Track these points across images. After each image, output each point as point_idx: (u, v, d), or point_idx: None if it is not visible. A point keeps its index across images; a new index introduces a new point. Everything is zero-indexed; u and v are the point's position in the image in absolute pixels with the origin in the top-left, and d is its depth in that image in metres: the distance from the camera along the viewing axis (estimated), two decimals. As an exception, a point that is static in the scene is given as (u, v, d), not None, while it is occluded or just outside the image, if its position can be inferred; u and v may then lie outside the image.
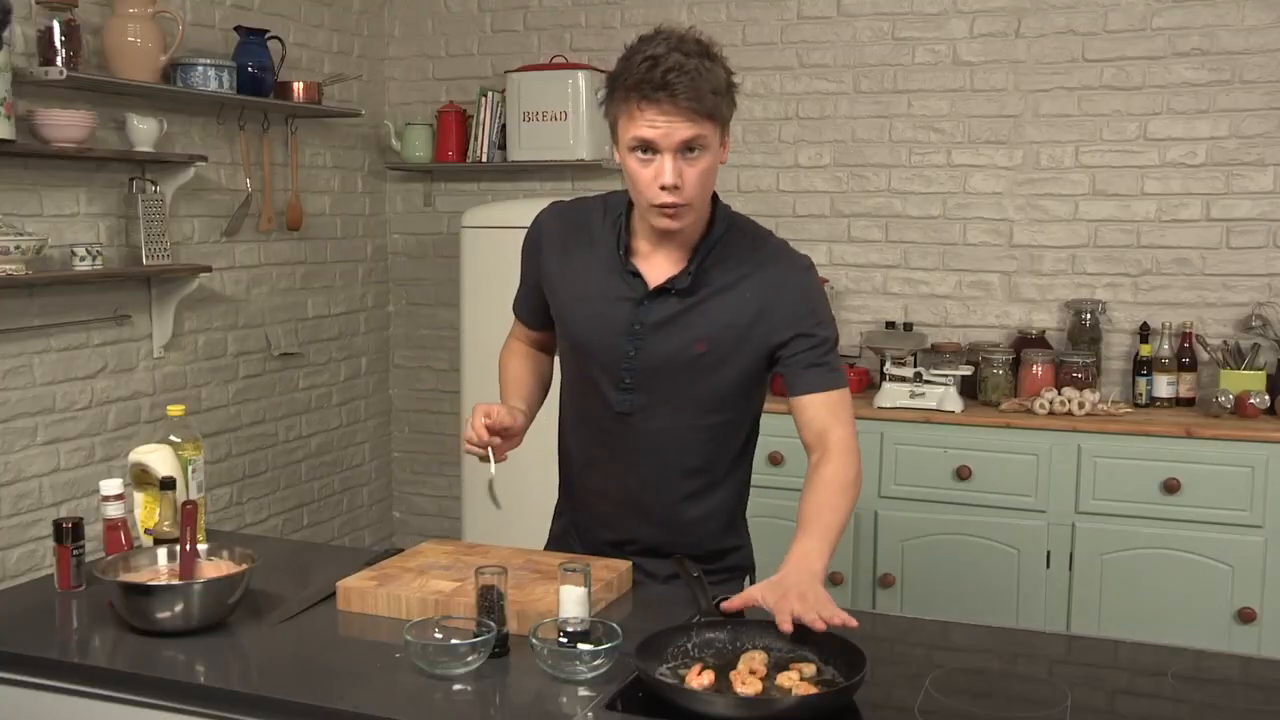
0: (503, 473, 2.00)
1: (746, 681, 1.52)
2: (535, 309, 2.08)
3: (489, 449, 1.92)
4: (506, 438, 1.95)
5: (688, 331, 1.90)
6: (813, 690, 1.51)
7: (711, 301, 1.90)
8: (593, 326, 1.95)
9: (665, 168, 1.76)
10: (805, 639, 1.60)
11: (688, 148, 1.76)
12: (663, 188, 1.77)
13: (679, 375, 1.92)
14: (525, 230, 2.07)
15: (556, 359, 2.16)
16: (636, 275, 1.91)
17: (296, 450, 4.22)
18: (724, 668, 1.57)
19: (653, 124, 1.74)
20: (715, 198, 1.93)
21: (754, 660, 1.58)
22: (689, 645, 1.63)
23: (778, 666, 1.57)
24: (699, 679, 1.52)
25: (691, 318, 1.90)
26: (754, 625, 1.65)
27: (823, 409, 1.90)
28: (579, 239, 1.98)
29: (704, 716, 1.45)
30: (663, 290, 1.90)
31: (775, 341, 1.91)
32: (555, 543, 2.18)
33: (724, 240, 1.92)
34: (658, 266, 1.92)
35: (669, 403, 1.94)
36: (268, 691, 1.57)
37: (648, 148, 1.77)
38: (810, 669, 1.56)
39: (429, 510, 4.76)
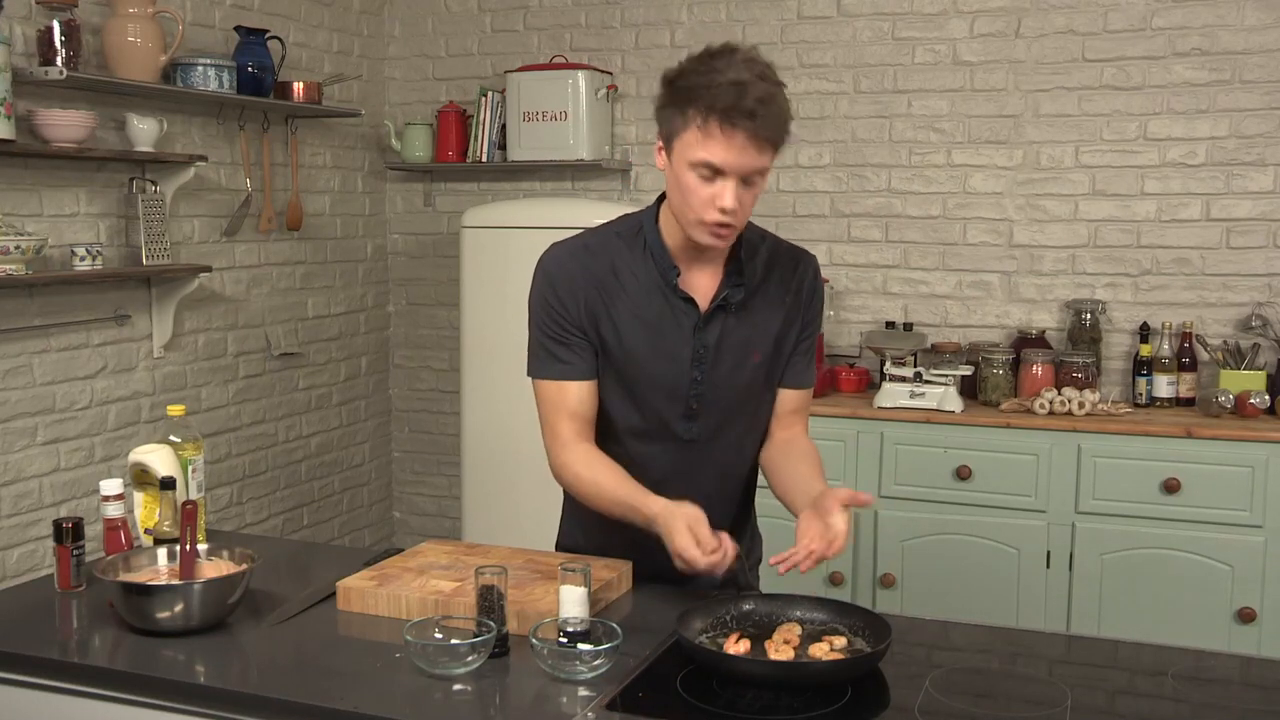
0: (501, 469, 1.99)
1: (780, 650, 1.61)
2: (591, 358, 1.90)
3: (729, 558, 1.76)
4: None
5: (745, 345, 1.91)
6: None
7: (756, 309, 1.91)
8: (658, 360, 1.88)
9: (728, 193, 1.73)
10: (836, 613, 1.74)
11: (750, 178, 1.75)
12: (721, 210, 1.74)
13: (740, 390, 1.92)
14: (539, 252, 1.93)
15: None
16: (689, 300, 1.87)
17: (296, 450, 4.22)
18: (759, 638, 1.67)
19: (728, 150, 1.70)
20: None
21: (788, 631, 1.68)
22: (727, 617, 1.73)
23: (810, 638, 1.66)
24: (736, 646, 1.62)
25: (744, 330, 1.90)
26: (788, 600, 1.77)
27: (801, 400, 2.03)
28: (615, 280, 1.88)
29: (740, 677, 1.56)
30: (719, 308, 1.88)
31: (795, 332, 1.97)
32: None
33: (747, 243, 1.91)
34: (699, 285, 1.89)
35: (732, 418, 1.94)
36: (268, 691, 1.57)
37: (715, 172, 1.73)
38: (841, 641, 1.67)
39: (429, 510, 4.76)
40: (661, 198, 1.90)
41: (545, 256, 1.92)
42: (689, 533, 1.71)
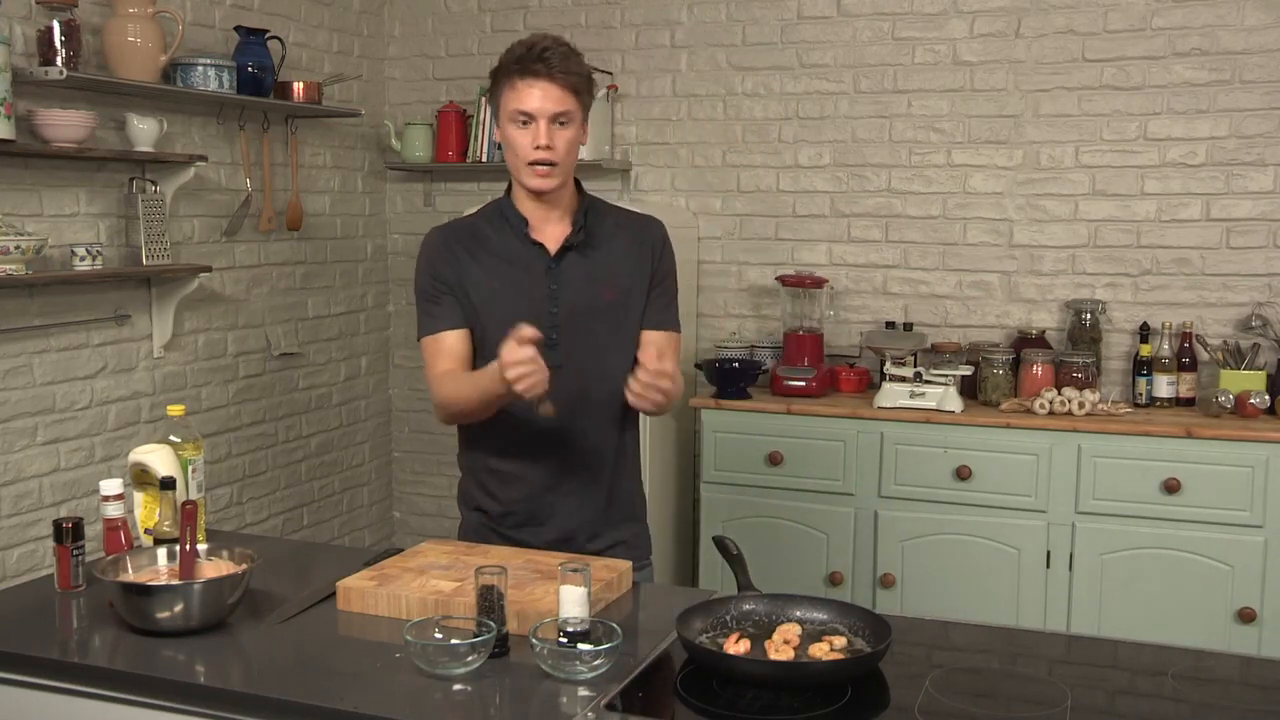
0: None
1: (780, 650, 1.62)
2: (463, 310, 2.17)
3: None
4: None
5: (596, 283, 2.17)
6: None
7: (606, 255, 2.19)
8: (519, 298, 2.14)
9: (541, 130, 2.07)
10: (836, 613, 1.75)
11: (558, 120, 2.08)
12: (537, 147, 2.07)
13: (596, 326, 2.16)
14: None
15: None
16: (539, 245, 2.16)
17: (296, 450, 4.22)
18: (759, 638, 1.69)
19: (532, 95, 2.06)
20: (578, 180, 2.24)
21: (788, 632, 1.69)
22: (727, 617, 1.76)
23: (810, 638, 1.67)
24: (736, 646, 1.64)
25: (595, 270, 2.17)
26: (788, 600, 1.78)
27: (665, 341, 2.21)
28: (475, 242, 2.19)
29: (740, 677, 1.57)
30: (565, 249, 2.16)
31: (651, 284, 2.21)
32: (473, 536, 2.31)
33: (594, 207, 2.23)
34: (551, 235, 2.17)
35: (592, 351, 2.15)
36: (268, 691, 1.57)
37: (526, 117, 2.07)
38: (841, 641, 1.67)
39: (429, 510, 4.76)
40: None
41: (423, 240, 2.25)
42: (510, 344, 1.89)
